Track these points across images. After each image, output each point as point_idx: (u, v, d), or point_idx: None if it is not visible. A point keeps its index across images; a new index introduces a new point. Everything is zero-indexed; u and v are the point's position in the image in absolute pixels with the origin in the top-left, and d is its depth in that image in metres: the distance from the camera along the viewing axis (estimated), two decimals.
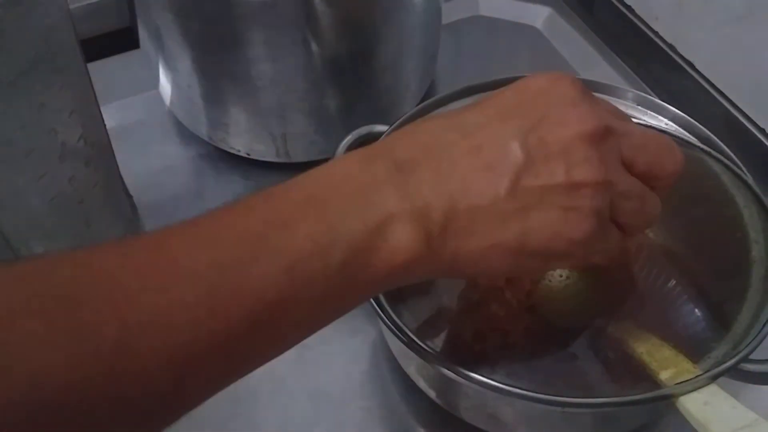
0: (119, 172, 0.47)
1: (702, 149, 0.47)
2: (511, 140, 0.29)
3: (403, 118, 0.48)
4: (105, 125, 0.44)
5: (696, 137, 0.48)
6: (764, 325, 0.39)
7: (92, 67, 0.42)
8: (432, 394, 0.44)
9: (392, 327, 0.40)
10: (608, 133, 0.30)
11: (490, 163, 0.29)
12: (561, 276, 0.46)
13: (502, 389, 0.38)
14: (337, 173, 0.29)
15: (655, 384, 0.39)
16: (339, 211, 0.28)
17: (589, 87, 0.49)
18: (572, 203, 0.29)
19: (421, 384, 0.45)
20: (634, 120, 0.48)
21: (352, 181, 0.29)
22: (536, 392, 0.37)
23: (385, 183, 0.29)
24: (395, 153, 0.30)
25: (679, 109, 0.49)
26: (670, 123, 0.49)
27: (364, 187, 0.29)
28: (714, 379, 0.37)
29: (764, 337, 0.38)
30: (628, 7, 0.66)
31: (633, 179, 0.32)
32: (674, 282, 0.49)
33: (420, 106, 0.49)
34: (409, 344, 0.39)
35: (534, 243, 0.30)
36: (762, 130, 0.56)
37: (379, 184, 0.29)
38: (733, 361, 0.37)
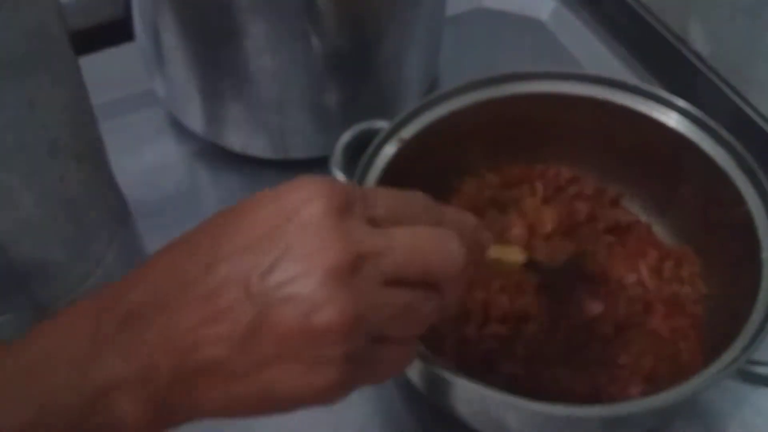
0: (111, 169, 0.46)
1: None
2: (244, 285, 0.27)
3: (405, 114, 0.47)
4: (97, 121, 0.43)
5: (705, 131, 0.47)
6: None
7: (84, 60, 0.42)
8: (433, 397, 0.44)
9: None
10: (359, 261, 0.27)
11: (222, 312, 0.27)
12: None
13: (506, 400, 0.38)
14: (60, 336, 0.28)
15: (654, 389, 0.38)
16: (54, 386, 0.27)
17: (596, 82, 0.49)
18: (316, 353, 0.27)
19: (423, 387, 0.44)
20: (641, 114, 0.48)
21: (73, 345, 0.27)
22: (537, 400, 0.37)
23: (109, 344, 0.27)
24: (126, 300, 0.28)
25: (688, 102, 0.48)
26: (679, 116, 0.48)
27: (85, 354, 0.27)
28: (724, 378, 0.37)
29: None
30: None
31: (398, 296, 0.29)
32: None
33: (424, 101, 0.48)
34: None
35: (279, 395, 0.28)
36: None
37: (102, 346, 0.27)
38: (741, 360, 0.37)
